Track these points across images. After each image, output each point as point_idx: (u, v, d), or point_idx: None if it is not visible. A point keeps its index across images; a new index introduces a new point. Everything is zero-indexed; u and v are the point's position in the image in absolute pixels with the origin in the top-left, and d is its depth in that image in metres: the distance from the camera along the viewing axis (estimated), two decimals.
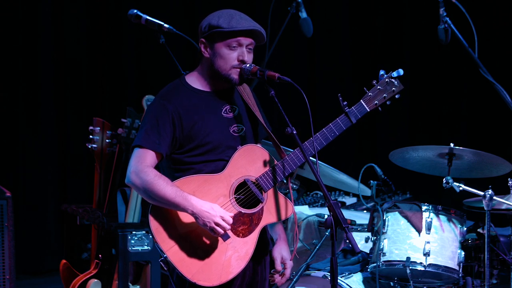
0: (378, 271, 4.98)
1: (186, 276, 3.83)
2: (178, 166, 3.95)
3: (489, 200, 4.77)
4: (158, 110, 3.91)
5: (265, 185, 3.95)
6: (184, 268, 3.84)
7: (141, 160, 3.86)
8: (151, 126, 3.89)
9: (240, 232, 3.92)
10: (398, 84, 4.15)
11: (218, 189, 3.91)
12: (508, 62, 8.17)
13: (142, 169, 3.84)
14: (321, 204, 6.05)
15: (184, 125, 3.91)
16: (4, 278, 5.28)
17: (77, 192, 7.73)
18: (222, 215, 3.82)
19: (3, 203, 5.28)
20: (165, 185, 3.82)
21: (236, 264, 3.90)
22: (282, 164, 3.97)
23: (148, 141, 3.88)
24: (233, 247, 3.90)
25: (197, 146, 3.93)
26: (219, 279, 3.87)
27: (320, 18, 8.36)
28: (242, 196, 3.93)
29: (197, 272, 3.84)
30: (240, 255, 3.91)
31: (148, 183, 3.82)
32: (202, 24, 3.96)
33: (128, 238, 5.49)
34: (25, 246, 7.42)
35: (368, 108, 4.08)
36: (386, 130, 8.71)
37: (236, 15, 3.94)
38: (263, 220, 3.96)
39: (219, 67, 3.94)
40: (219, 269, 3.87)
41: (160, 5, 7.72)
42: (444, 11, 5.04)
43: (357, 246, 3.60)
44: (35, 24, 7.56)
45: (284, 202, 4.01)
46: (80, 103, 7.75)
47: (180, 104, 3.92)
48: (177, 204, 3.82)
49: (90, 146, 5.69)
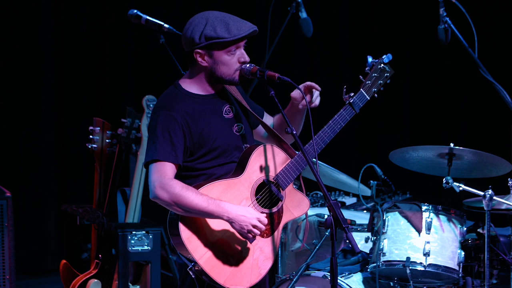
0: (378, 271, 4.97)
1: (219, 282, 3.84)
2: (188, 173, 3.94)
3: (489, 200, 4.77)
4: (166, 122, 3.87)
5: (283, 183, 3.98)
6: (216, 275, 3.84)
7: (163, 173, 3.83)
8: (164, 138, 3.85)
9: (265, 233, 3.94)
10: (390, 69, 4.19)
11: (240, 192, 3.91)
12: (508, 62, 8.17)
13: (167, 183, 3.82)
14: (321, 204, 6.05)
15: (193, 132, 3.90)
16: (4, 278, 5.28)
17: (77, 192, 7.72)
18: (258, 217, 3.85)
19: (3, 203, 5.28)
20: (195, 195, 3.81)
21: (263, 264, 3.94)
22: (296, 160, 4.00)
23: (164, 153, 3.84)
24: (259, 248, 3.93)
25: (207, 152, 3.93)
26: (249, 281, 3.91)
27: (320, 18, 8.35)
28: (263, 196, 3.96)
29: (228, 277, 3.86)
30: (266, 255, 3.95)
31: (177, 196, 3.80)
32: (193, 35, 3.87)
33: (128, 238, 5.49)
34: (25, 246, 7.41)
35: (368, 96, 4.13)
36: (386, 130, 8.71)
37: (228, 19, 3.89)
38: (284, 218, 4.00)
39: (223, 73, 3.93)
40: (249, 272, 3.90)
41: (160, 5, 7.72)
42: (444, 11, 5.04)
43: (357, 246, 3.61)
44: (35, 24, 7.56)
45: (301, 198, 4.06)
46: (80, 103, 7.75)
47: (185, 112, 3.90)
48: (211, 212, 3.81)
49: (90, 146, 5.69)
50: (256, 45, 7.05)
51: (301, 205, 4.05)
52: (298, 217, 4.20)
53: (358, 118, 4.48)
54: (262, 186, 3.97)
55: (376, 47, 8.62)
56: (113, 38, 7.81)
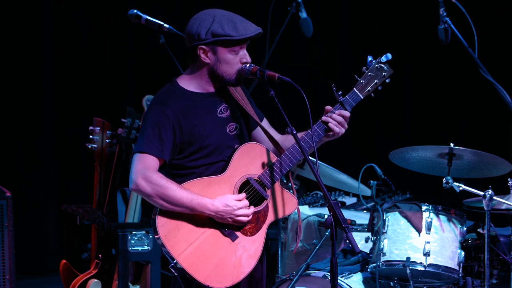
0: (378, 271, 4.97)
1: (199, 280, 3.83)
2: (178, 171, 3.95)
3: (489, 200, 4.77)
4: (157, 116, 3.89)
5: (267, 182, 3.95)
6: (196, 272, 3.83)
7: (146, 166, 3.85)
8: (153, 132, 3.87)
9: (248, 231, 3.93)
10: (388, 69, 4.15)
11: (222, 190, 3.91)
12: (508, 62, 8.17)
13: (150, 175, 3.83)
14: (321, 204, 6.05)
15: (184, 129, 3.90)
16: (4, 278, 5.28)
17: (77, 192, 7.72)
18: (239, 206, 3.85)
19: (3, 203, 5.28)
20: (179, 189, 3.82)
21: (246, 263, 3.91)
22: (282, 159, 3.98)
23: (150, 147, 3.86)
24: (242, 247, 3.91)
25: (197, 149, 3.93)
26: (231, 280, 3.89)
27: (320, 18, 8.35)
28: (247, 194, 3.94)
29: (209, 274, 3.84)
30: (250, 254, 3.92)
31: (161, 189, 3.81)
32: (199, 31, 3.89)
33: (128, 238, 5.50)
34: (25, 246, 7.41)
35: (361, 96, 4.09)
36: (386, 130, 8.71)
37: (235, 18, 3.90)
38: (269, 217, 3.98)
39: (224, 72, 3.93)
40: (231, 270, 3.88)
41: (160, 5, 7.72)
42: (444, 11, 5.04)
43: (357, 246, 3.60)
44: (35, 24, 7.56)
45: (288, 197, 4.02)
46: (80, 103, 7.75)
47: (178, 108, 3.91)
48: (194, 208, 3.83)
49: (90, 146, 5.69)
50: (256, 45, 7.05)
51: (289, 204, 4.01)
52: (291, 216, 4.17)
53: (358, 118, 4.48)
54: (245, 185, 3.95)
55: (376, 47, 8.62)
56: (113, 38, 7.81)
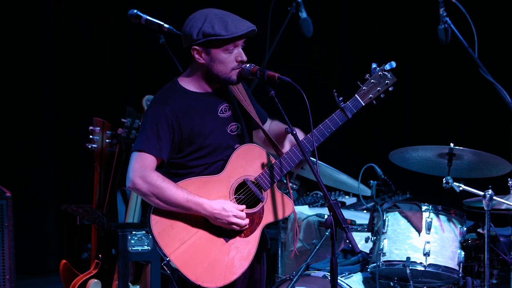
0: (378, 271, 4.97)
1: (190, 279, 3.83)
2: (178, 171, 3.95)
3: (489, 200, 4.77)
4: (156, 115, 3.89)
5: (264, 184, 3.95)
6: (187, 271, 3.83)
7: (144, 164, 3.86)
8: (151, 131, 3.87)
9: (242, 233, 3.92)
10: (391, 77, 4.13)
11: (218, 190, 3.91)
12: (508, 62, 8.17)
13: (148, 174, 3.84)
14: (321, 204, 6.05)
15: (183, 129, 3.90)
16: (4, 278, 5.28)
17: (77, 192, 7.73)
18: (235, 214, 3.85)
19: (3, 203, 5.28)
20: (175, 189, 3.83)
21: (239, 264, 3.91)
22: (281, 162, 3.97)
23: (149, 146, 3.87)
24: (236, 248, 3.91)
25: (197, 149, 3.93)
26: (223, 280, 3.88)
27: (320, 18, 8.35)
28: (242, 196, 3.94)
29: (201, 274, 3.84)
30: (243, 255, 3.91)
31: (157, 188, 3.82)
32: (191, 31, 3.89)
33: (128, 238, 5.50)
34: (25, 246, 7.42)
35: (363, 102, 4.08)
36: (386, 130, 8.71)
37: (227, 17, 3.90)
38: (264, 219, 3.97)
39: (219, 71, 3.93)
40: (223, 270, 3.87)
41: (160, 5, 7.72)
42: (444, 11, 5.04)
43: (357, 246, 3.60)
44: (35, 24, 7.56)
45: (284, 200, 4.01)
46: (80, 103, 7.75)
47: (178, 107, 3.91)
48: (189, 208, 3.84)
49: (90, 146, 5.69)
50: (256, 45, 7.04)
51: (284, 208, 4.00)
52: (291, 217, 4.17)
53: (358, 118, 4.48)
54: (242, 186, 3.95)
55: (376, 47, 8.63)
56: (113, 38, 7.81)
